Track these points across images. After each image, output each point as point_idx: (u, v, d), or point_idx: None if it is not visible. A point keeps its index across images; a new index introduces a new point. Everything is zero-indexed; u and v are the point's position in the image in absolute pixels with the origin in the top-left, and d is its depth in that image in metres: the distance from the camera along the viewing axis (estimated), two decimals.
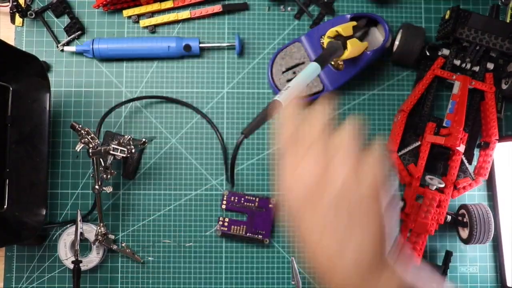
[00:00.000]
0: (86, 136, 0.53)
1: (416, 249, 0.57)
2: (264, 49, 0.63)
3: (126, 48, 0.61)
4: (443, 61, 0.60)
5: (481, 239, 0.56)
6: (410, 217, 0.57)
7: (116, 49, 0.60)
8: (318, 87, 0.60)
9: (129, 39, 0.62)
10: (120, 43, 0.61)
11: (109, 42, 0.60)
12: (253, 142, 0.62)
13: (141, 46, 0.61)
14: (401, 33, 0.59)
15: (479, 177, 0.59)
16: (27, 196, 0.56)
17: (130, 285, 0.60)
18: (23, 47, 0.62)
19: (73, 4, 0.63)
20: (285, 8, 0.64)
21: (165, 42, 0.61)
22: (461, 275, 0.61)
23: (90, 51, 0.60)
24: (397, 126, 0.59)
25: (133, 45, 0.61)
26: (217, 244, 0.61)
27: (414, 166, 0.58)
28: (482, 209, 0.57)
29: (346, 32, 0.55)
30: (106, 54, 0.61)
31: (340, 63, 0.60)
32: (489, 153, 0.59)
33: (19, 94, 0.57)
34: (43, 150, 0.56)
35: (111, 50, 0.60)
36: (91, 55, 0.61)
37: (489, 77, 0.60)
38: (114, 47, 0.60)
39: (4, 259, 0.60)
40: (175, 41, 0.60)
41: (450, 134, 0.57)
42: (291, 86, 0.47)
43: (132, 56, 0.62)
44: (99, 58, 0.62)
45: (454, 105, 0.58)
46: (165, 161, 0.62)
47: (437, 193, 0.57)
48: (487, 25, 0.58)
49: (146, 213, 0.61)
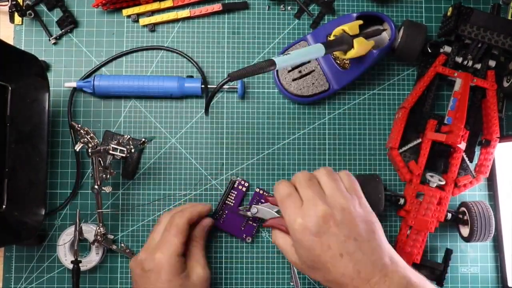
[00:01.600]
0: (86, 135, 0.53)
1: (416, 246, 0.56)
2: (264, 49, 0.63)
3: (126, 86, 0.59)
4: (444, 58, 0.60)
5: (482, 237, 0.56)
6: (410, 214, 0.57)
7: (116, 87, 0.59)
8: (324, 86, 0.60)
9: (130, 77, 0.60)
10: (121, 81, 0.59)
11: (110, 80, 0.59)
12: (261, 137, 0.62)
13: (142, 85, 0.59)
14: (402, 29, 0.59)
15: (480, 174, 0.59)
16: (26, 196, 0.56)
17: (129, 285, 0.60)
18: (22, 46, 0.62)
19: (71, 3, 0.63)
20: (285, 7, 0.64)
21: (167, 82, 0.59)
22: (462, 276, 0.61)
23: (90, 87, 0.59)
24: (398, 123, 0.59)
25: (134, 83, 0.59)
26: (216, 244, 0.61)
27: (415, 163, 0.58)
28: (482, 206, 0.57)
29: (353, 31, 0.55)
30: (107, 92, 0.59)
31: (346, 62, 0.60)
32: (490, 151, 0.59)
33: (18, 94, 0.57)
34: (43, 150, 0.56)
35: (111, 88, 0.59)
36: (91, 91, 0.59)
37: (490, 75, 0.59)
38: (115, 85, 0.59)
39: (3, 259, 0.60)
40: (177, 82, 0.59)
41: (451, 131, 0.56)
42: (291, 54, 0.50)
43: (132, 94, 0.60)
44: (98, 96, 0.60)
45: (455, 102, 0.58)
46: (164, 161, 0.61)
47: (437, 190, 0.57)
48: (489, 22, 0.57)
49: (146, 213, 0.61)
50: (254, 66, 0.48)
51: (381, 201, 0.55)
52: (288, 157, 0.62)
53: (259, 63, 0.48)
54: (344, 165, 0.62)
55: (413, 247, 0.56)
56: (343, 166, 0.62)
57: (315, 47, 0.52)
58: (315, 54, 0.52)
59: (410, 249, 0.56)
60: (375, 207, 0.55)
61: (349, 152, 0.62)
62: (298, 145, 0.62)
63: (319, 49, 0.52)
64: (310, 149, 0.62)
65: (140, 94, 0.60)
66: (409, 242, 0.57)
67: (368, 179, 0.56)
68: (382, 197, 0.55)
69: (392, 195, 0.58)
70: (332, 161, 0.62)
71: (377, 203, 0.55)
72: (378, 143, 0.62)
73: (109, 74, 0.61)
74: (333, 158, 0.62)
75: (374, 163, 0.62)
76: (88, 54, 0.62)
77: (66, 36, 0.62)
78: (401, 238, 0.58)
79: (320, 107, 0.63)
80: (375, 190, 0.55)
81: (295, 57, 0.50)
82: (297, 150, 0.62)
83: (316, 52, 0.51)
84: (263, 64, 0.48)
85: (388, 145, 0.61)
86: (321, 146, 0.62)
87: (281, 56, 0.49)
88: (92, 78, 0.59)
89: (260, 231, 0.61)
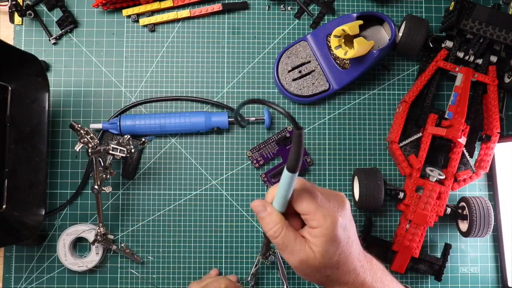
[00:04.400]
0: (86, 136, 0.53)
1: (415, 240, 0.57)
2: (264, 49, 0.63)
3: (152, 125, 0.59)
4: (446, 53, 0.60)
5: (481, 232, 0.56)
6: (410, 208, 0.57)
7: (143, 126, 0.59)
8: (324, 86, 0.60)
9: (156, 116, 0.60)
10: (147, 119, 0.59)
11: (136, 119, 0.59)
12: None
13: (169, 123, 0.59)
14: (404, 24, 0.59)
15: (480, 170, 0.59)
16: (26, 196, 0.56)
17: (129, 285, 0.60)
18: (22, 46, 0.62)
19: (71, 3, 0.63)
20: (285, 7, 0.64)
21: (194, 118, 0.59)
22: (462, 275, 0.61)
23: (117, 128, 0.59)
24: (399, 117, 0.59)
25: (160, 122, 0.59)
26: (216, 244, 0.61)
27: (415, 157, 0.58)
28: (482, 201, 0.57)
29: (353, 31, 0.55)
30: (133, 131, 0.59)
31: (346, 62, 0.60)
32: (491, 146, 0.59)
33: (18, 94, 0.57)
34: (42, 150, 0.56)
35: (138, 127, 0.59)
36: (117, 132, 0.59)
37: (492, 70, 0.59)
38: (141, 124, 0.59)
39: (3, 259, 0.60)
40: (204, 117, 0.59)
41: (451, 125, 0.56)
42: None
43: (158, 133, 0.60)
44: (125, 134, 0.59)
45: (456, 97, 0.58)
46: (164, 161, 0.61)
47: (437, 184, 0.57)
48: (491, 17, 0.57)
49: (146, 213, 0.61)
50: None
51: (381, 194, 0.55)
52: None
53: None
54: (344, 164, 0.62)
55: (412, 241, 0.57)
56: (343, 166, 0.62)
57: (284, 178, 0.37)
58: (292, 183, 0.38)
59: (409, 243, 0.57)
60: (375, 200, 0.56)
61: (349, 152, 0.62)
62: None
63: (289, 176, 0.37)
64: (310, 149, 0.62)
65: (166, 132, 0.60)
66: (408, 236, 0.57)
67: (369, 173, 0.57)
68: (382, 191, 0.55)
69: (392, 189, 0.58)
70: (332, 160, 0.62)
71: (377, 196, 0.55)
72: (379, 142, 0.62)
73: (134, 114, 0.61)
74: (333, 158, 0.62)
75: (374, 161, 0.62)
76: (88, 54, 0.62)
77: (66, 36, 0.62)
78: (400, 232, 0.58)
79: (320, 107, 0.63)
80: (375, 184, 0.55)
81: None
82: None
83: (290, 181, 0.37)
84: None
85: (388, 139, 0.61)
86: (321, 146, 0.62)
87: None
88: (118, 119, 0.59)
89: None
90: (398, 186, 0.60)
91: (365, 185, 0.56)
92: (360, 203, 0.56)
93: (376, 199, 0.56)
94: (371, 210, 0.61)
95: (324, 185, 0.61)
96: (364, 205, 0.56)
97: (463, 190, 0.62)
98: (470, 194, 0.62)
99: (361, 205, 0.57)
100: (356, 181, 0.59)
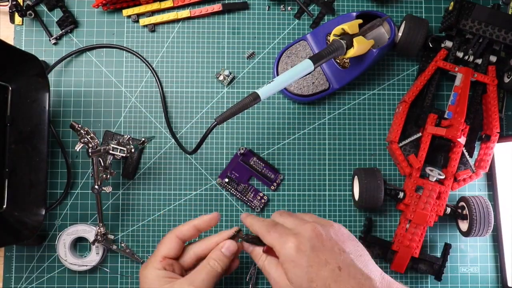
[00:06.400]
0: (86, 135, 0.53)
1: (415, 240, 0.57)
2: (264, 49, 0.63)
3: None
4: (446, 53, 0.60)
5: (481, 231, 0.56)
6: (410, 208, 0.57)
7: None
8: (324, 85, 0.60)
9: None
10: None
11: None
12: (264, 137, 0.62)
13: None
14: (404, 24, 0.59)
15: (480, 169, 0.59)
16: (26, 196, 0.56)
17: (129, 285, 0.60)
18: (22, 46, 0.62)
19: (72, 3, 0.63)
20: (285, 7, 0.64)
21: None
22: (462, 275, 0.61)
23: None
24: (399, 116, 0.59)
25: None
26: None
27: (415, 157, 0.58)
28: (481, 201, 0.57)
29: (352, 30, 0.55)
30: None
31: (346, 61, 0.60)
32: (490, 145, 0.59)
33: (18, 94, 0.57)
34: (43, 150, 0.56)
35: None
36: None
37: (491, 70, 0.60)
38: None
39: (3, 259, 0.60)
40: None
41: (451, 125, 0.57)
42: (275, 81, 0.47)
43: None
44: None
45: (456, 97, 0.58)
46: (164, 161, 0.61)
47: (437, 184, 0.57)
48: (491, 17, 0.57)
49: (146, 213, 0.61)
50: (238, 105, 0.46)
51: (381, 194, 0.55)
52: (288, 157, 0.62)
53: (243, 100, 0.45)
54: (344, 165, 0.62)
55: (412, 241, 0.57)
56: (343, 166, 0.62)
57: (302, 65, 0.47)
58: (304, 71, 0.48)
59: (409, 243, 0.57)
60: (375, 200, 0.56)
61: (349, 152, 0.62)
62: (298, 145, 0.62)
63: (307, 66, 0.47)
64: (310, 149, 0.62)
65: None
66: (408, 235, 0.57)
67: (368, 173, 0.57)
68: (381, 191, 0.55)
69: (392, 188, 0.58)
70: (332, 160, 0.62)
71: (377, 196, 0.55)
72: (378, 142, 0.62)
73: None
74: (333, 158, 0.62)
75: (374, 161, 0.62)
76: (88, 54, 0.62)
77: (66, 36, 0.63)
78: (400, 231, 0.58)
79: (320, 107, 0.63)
80: (375, 184, 0.56)
81: (281, 82, 0.46)
82: (297, 150, 0.62)
83: (304, 69, 0.47)
84: (246, 100, 0.45)
85: (388, 139, 0.61)
86: (321, 146, 0.62)
87: (265, 85, 0.45)
88: None
89: None
90: (398, 186, 0.60)
91: (365, 185, 0.56)
92: (360, 203, 0.57)
93: (376, 199, 0.56)
94: (371, 210, 0.61)
95: (324, 185, 0.61)
96: (364, 205, 0.56)
97: (463, 190, 0.62)
98: (470, 194, 0.62)
99: (361, 205, 0.57)
100: (356, 181, 0.59)
